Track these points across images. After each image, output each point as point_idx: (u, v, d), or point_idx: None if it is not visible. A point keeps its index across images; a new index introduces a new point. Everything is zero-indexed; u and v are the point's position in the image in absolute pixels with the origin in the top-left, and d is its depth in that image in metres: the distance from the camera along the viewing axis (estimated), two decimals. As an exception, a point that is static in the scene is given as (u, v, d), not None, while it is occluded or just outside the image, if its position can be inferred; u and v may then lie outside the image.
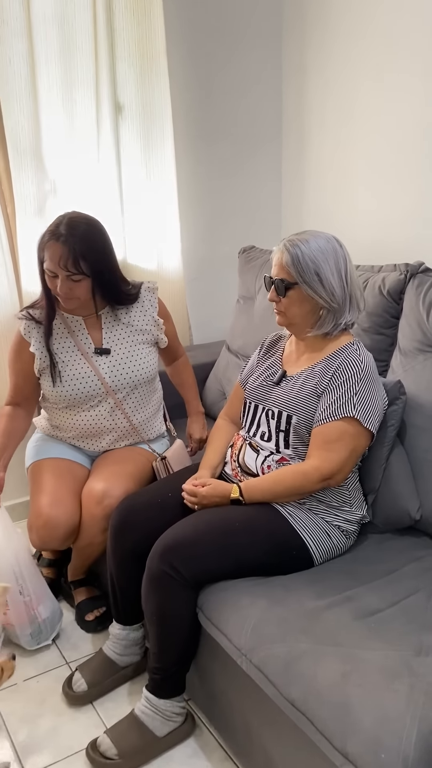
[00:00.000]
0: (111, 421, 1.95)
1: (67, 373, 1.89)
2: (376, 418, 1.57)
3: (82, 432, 1.97)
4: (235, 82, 2.70)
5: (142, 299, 1.97)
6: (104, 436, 1.98)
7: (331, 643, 1.30)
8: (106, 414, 1.94)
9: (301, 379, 1.66)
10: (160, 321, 1.99)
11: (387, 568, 1.59)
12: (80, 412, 1.93)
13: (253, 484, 1.63)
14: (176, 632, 1.53)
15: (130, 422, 1.97)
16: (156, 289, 2.01)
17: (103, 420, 1.94)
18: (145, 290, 1.99)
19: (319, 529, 1.60)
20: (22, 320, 1.90)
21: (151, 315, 1.98)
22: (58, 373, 1.89)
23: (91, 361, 1.90)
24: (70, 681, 1.75)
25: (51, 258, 1.73)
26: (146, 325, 1.97)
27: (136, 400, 1.98)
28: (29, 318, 1.89)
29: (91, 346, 1.91)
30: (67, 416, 1.95)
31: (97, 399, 1.92)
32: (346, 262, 1.60)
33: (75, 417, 1.94)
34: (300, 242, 1.57)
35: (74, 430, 1.97)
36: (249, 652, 1.33)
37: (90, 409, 1.93)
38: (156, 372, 2.03)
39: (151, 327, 1.98)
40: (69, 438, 2.01)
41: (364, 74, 2.40)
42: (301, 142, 2.77)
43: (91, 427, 1.95)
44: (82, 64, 2.26)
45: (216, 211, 2.82)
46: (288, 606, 1.42)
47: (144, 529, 1.64)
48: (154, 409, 2.07)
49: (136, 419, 1.99)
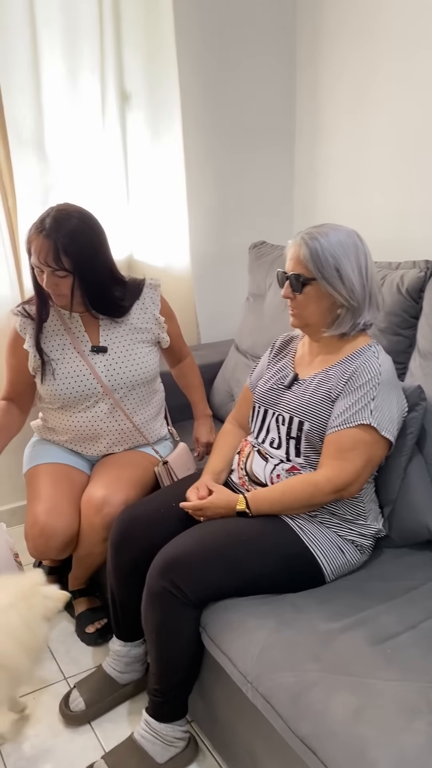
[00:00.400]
0: (107, 423, 1.87)
1: (62, 371, 1.81)
2: (394, 426, 1.47)
3: (78, 435, 1.89)
4: (247, 70, 2.59)
5: (143, 296, 1.89)
6: (100, 440, 1.90)
7: (344, 672, 1.20)
8: (103, 416, 1.85)
9: (315, 383, 1.55)
10: (161, 319, 1.91)
11: (404, 586, 1.49)
12: (75, 413, 1.85)
13: (260, 495, 1.53)
14: (178, 653, 1.43)
15: (132, 421, 1.88)
16: (158, 286, 1.92)
17: (99, 422, 1.86)
18: (147, 287, 1.90)
19: (331, 544, 1.50)
20: (17, 316, 1.84)
21: (152, 313, 1.89)
22: (52, 371, 1.81)
23: (87, 359, 1.82)
24: (68, 699, 1.66)
25: (34, 252, 1.66)
26: (147, 324, 1.89)
27: (135, 402, 1.89)
28: (24, 315, 1.83)
29: (87, 343, 1.83)
30: (62, 417, 1.88)
31: (93, 399, 1.84)
32: (367, 258, 1.50)
33: (70, 418, 1.86)
34: (319, 235, 1.47)
35: (70, 433, 1.89)
36: (255, 679, 1.24)
37: (86, 410, 1.85)
38: (156, 372, 1.95)
39: (151, 325, 1.90)
40: (65, 441, 1.93)
41: (379, 64, 2.29)
42: (314, 133, 2.66)
43: (86, 429, 1.87)
44: (87, 50, 2.16)
45: (226, 205, 2.71)
46: (298, 628, 1.32)
47: (145, 543, 1.55)
48: (155, 412, 1.98)
49: (136, 421, 1.90)
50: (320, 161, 2.66)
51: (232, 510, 1.52)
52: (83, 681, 1.69)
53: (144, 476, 1.87)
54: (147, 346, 1.89)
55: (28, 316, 1.82)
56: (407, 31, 2.16)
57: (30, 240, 1.67)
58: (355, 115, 2.44)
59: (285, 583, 1.46)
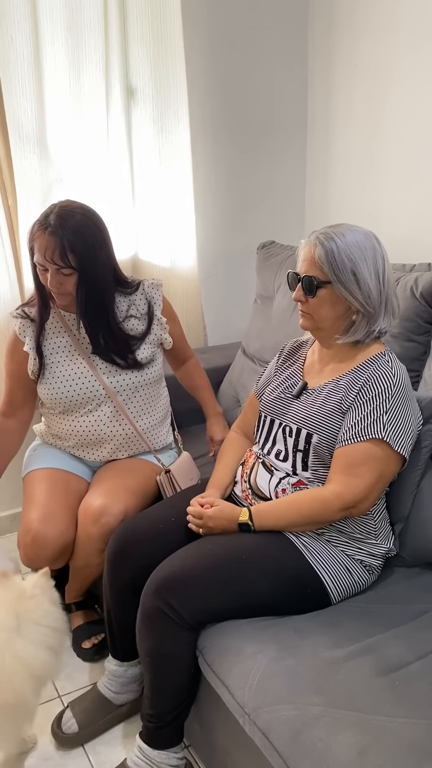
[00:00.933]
0: (111, 427, 1.80)
1: (62, 373, 1.76)
2: (408, 440, 1.38)
3: (82, 440, 1.83)
4: (257, 65, 2.51)
5: (144, 294, 1.83)
6: (104, 445, 1.83)
7: (348, 706, 1.11)
8: (106, 420, 1.79)
9: (324, 393, 1.47)
10: (163, 320, 1.84)
11: (415, 609, 1.40)
12: (78, 417, 1.79)
13: (264, 509, 1.45)
14: (173, 677, 1.36)
15: (134, 425, 1.81)
16: (160, 286, 1.86)
17: (102, 426, 1.79)
18: (148, 287, 1.83)
19: (338, 564, 1.41)
20: (17, 318, 1.79)
21: (153, 312, 1.84)
22: (52, 373, 1.76)
23: (89, 360, 1.76)
24: (60, 720, 1.59)
25: (39, 250, 1.62)
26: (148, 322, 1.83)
27: (139, 405, 1.82)
28: (24, 316, 1.78)
29: (89, 345, 1.76)
30: (65, 422, 1.82)
31: (95, 402, 1.77)
32: (385, 261, 1.41)
33: (73, 423, 1.80)
34: (336, 235, 1.38)
35: (74, 438, 1.83)
36: (253, 711, 1.16)
37: (88, 413, 1.79)
38: (161, 374, 1.88)
39: (154, 327, 1.83)
40: (69, 447, 1.87)
41: (396, 55, 2.19)
42: (327, 128, 2.57)
43: (90, 434, 1.80)
44: (91, 43, 2.08)
45: (234, 203, 2.63)
46: (300, 656, 1.24)
47: (142, 560, 1.47)
48: (161, 417, 1.91)
49: (140, 426, 1.83)
50: (333, 157, 2.57)
51: (235, 522, 1.44)
52: (77, 701, 1.62)
53: (145, 485, 1.80)
54: (150, 347, 1.83)
55: (28, 317, 1.78)
56: (425, 21, 2.06)
57: (33, 238, 1.62)
58: (370, 110, 2.34)
59: (288, 605, 1.38)
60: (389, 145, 2.29)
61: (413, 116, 2.17)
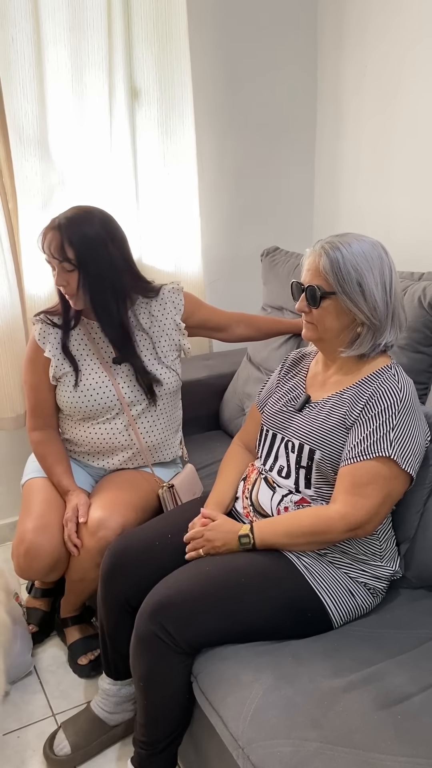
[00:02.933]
0: (127, 437, 1.77)
1: (86, 382, 1.72)
2: (416, 459, 1.32)
3: (95, 447, 1.79)
4: (264, 65, 2.45)
5: (164, 301, 1.78)
6: (119, 453, 1.79)
7: (347, 743, 1.06)
8: (123, 429, 1.75)
9: (328, 407, 1.41)
10: (182, 325, 1.80)
11: (419, 635, 1.34)
12: (96, 424, 1.76)
13: (266, 525, 1.40)
14: (167, 703, 1.31)
15: (140, 441, 1.76)
16: (180, 290, 1.82)
17: (118, 435, 1.76)
18: (168, 292, 1.80)
19: (341, 587, 1.36)
20: (37, 324, 1.75)
21: (173, 318, 1.78)
22: (74, 381, 1.73)
23: (110, 370, 1.73)
24: (52, 742, 1.55)
25: (45, 245, 1.62)
26: (169, 330, 1.79)
27: (156, 415, 1.78)
28: (46, 321, 1.75)
29: (111, 354, 1.73)
30: (82, 429, 1.78)
31: (114, 411, 1.74)
32: (392, 272, 1.36)
33: (89, 430, 1.77)
34: (341, 245, 1.33)
35: (87, 445, 1.79)
36: (247, 745, 1.11)
37: (107, 421, 1.75)
38: (179, 384, 1.84)
39: (172, 332, 1.78)
40: (81, 453, 1.83)
41: (408, 56, 2.12)
42: (336, 133, 2.51)
43: (104, 442, 1.77)
44: (94, 43, 2.04)
45: (241, 208, 2.58)
46: (298, 685, 1.18)
47: (139, 577, 1.43)
48: (175, 428, 1.87)
49: (153, 438, 1.79)
50: (342, 161, 2.51)
51: (235, 535, 1.39)
52: (70, 721, 1.57)
53: (146, 500, 1.75)
54: (171, 354, 1.79)
55: (50, 323, 1.74)
56: (437, 22, 2.00)
57: (43, 236, 1.62)
58: (381, 112, 2.28)
59: (287, 630, 1.33)
60: (400, 150, 2.23)
61: (425, 120, 2.11)
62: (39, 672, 1.81)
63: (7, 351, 2.14)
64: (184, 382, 1.90)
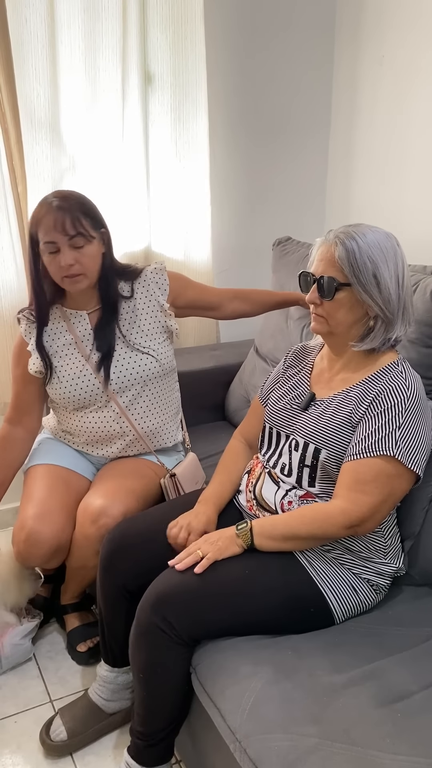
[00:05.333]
0: (120, 424, 1.75)
1: (66, 373, 1.71)
2: (422, 457, 1.30)
3: (92, 436, 1.77)
4: (280, 54, 2.42)
5: (147, 282, 1.75)
6: (115, 441, 1.78)
7: (345, 740, 1.05)
8: (115, 416, 1.73)
9: (334, 405, 1.39)
10: (166, 306, 1.76)
11: (422, 633, 1.33)
12: (87, 413, 1.74)
13: (265, 520, 1.37)
14: (166, 694, 1.30)
15: (135, 428, 1.75)
16: (163, 269, 1.78)
17: (112, 423, 1.74)
18: (151, 272, 1.76)
19: (343, 582, 1.34)
20: (23, 320, 1.74)
21: (157, 300, 1.75)
22: (57, 374, 1.71)
23: (91, 360, 1.70)
24: (49, 727, 1.54)
25: (46, 228, 1.56)
26: (152, 312, 1.76)
27: (149, 400, 1.76)
28: (29, 318, 1.74)
29: (92, 344, 1.71)
30: (75, 419, 1.77)
31: (102, 400, 1.72)
32: (404, 265, 1.33)
33: (83, 419, 1.75)
34: (357, 235, 1.30)
35: (84, 435, 1.78)
36: (244, 738, 1.10)
37: (97, 410, 1.74)
38: (172, 366, 1.81)
39: (157, 313, 1.76)
40: (79, 443, 1.82)
41: (426, 47, 2.08)
42: (351, 123, 2.47)
43: (100, 430, 1.75)
44: (108, 27, 2.02)
45: (252, 197, 2.55)
46: (297, 680, 1.17)
47: (138, 563, 1.42)
48: (172, 413, 1.84)
49: (148, 424, 1.77)
50: (356, 152, 2.47)
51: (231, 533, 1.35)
52: (67, 708, 1.57)
53: (148, 487, 1.74)
54: (157, 336, 1.76)
55: (32, 317, 1.73)
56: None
57: (37, 221, 1.58)
58: (396, 104, 2.24)
59: (289, 624, 1.31)
60: (414, 141, 2.20)
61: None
62: (38, 658, 1.81)
63: (8, 336, 2.13)
64: (190, 372, 1.88)
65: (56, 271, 1.61)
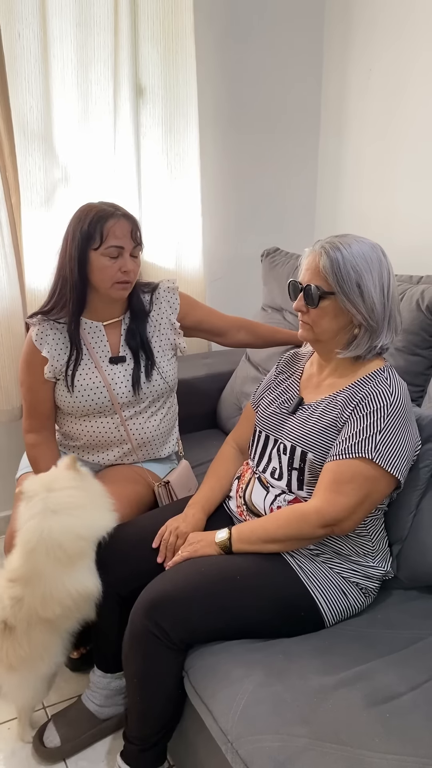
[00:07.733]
0: (120, 432, 1.77)
1: (81, 383, 1.72)
2: (402, 462, 1.32)
3: (92, 441, 1.79)
4: (269, 64, 2.47)
5: (160, 300, 1.78)
6: (112, 448, 1.80)
7: (335, 740, 1.07)
8: (118, 423, 1.76)
9: (320, 409, 1.42)
10: (176, 325, 1.80)
11: (410, 636, 1.35)
12: (91, 419, 1.76)
13: (244, 525, 1.41)
14: (160, 699, 1.32)
15: (132, 441, 1.77)
16: (176, 289, 1.82)
17: (114, 429, 1.77)
18: (164, 291, 1.80)
19: (333, 586, 1.37)
20: (34, 326, 1.71)
21: (168, 318, 1.79)
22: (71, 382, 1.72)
23: (102, 371, 1.72)
24: (42, 733, 1.55)
25: (120, 233, 1.60)
26: (164, 329, 1.79)
27: (150, 414, 1.79)
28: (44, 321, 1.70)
29: (108, 354, 1.73)
30: (78, 424, 1.78)
31: (111, 410, 1.75)
32: (390, 275, 1.36)
33: (85, 424, 1.77)
34: (342, 245, 1.33)
35: (84, 438, 1.79)
36: (236, 740, 1.11)
37: (101, 416, 1.76)
38: (176, 383, 1.84)
39: (167, 331, 1.78)
40: (76, 447, 1.84)
41: (416, 54, 2.13)
42: (340, 134, 2.52)
43: (101, 436, 1.77)
44: (100, 41, 2.05)
45: (243, 207, 2.59)
46: (287, 682, 1.19)
47: (130, 568, 1.44)
48: (170, 425, 1.88)
49: (146, 436, 1.80)
50: (345, 162, 2.52)
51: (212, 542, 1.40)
52: (60, 714, 1.58)
53: (142, 495, 1.76)
54: (166, 354, 1.79)
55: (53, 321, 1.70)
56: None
57: (109, 229, 1.59)
58: (385, 114, 2.29)
59: (280, 627, 1.34)
60: (402, 153, 2.24)
61: (429, 123, 2.12)
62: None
63: (4, 343, 2.14)
64: (182, 381, 1.91)
65: (111, 276, 1.62)
